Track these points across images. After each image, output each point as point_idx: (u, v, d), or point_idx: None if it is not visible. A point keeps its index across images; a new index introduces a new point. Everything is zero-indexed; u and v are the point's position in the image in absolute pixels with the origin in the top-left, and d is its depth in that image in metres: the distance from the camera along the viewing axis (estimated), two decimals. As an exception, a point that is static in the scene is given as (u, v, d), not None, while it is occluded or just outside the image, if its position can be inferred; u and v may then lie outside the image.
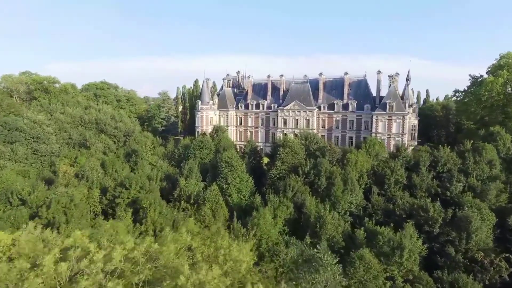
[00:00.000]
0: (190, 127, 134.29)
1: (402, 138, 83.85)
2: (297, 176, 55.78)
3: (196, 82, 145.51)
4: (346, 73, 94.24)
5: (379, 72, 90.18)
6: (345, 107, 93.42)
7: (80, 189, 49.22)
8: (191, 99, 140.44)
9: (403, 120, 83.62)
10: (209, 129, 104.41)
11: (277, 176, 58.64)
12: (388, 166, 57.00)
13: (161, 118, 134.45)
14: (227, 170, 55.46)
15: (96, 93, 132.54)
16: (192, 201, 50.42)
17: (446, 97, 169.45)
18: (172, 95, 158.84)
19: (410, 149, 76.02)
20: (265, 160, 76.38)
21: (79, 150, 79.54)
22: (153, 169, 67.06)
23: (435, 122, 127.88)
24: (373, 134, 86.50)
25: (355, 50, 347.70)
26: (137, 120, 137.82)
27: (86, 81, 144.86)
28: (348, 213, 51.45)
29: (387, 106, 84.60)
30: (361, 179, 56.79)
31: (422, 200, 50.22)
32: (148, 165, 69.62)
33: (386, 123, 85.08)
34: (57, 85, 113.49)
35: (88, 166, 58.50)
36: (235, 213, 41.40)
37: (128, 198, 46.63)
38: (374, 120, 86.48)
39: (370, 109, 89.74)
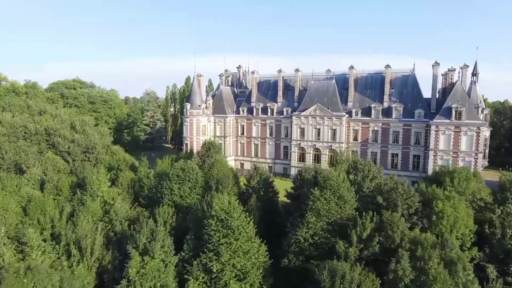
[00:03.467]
0: (181, 135, 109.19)
1: (475, 159, 58.38)
2: (348, 248, 30.41)
3: (188, 79, 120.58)
4: (387, 66, 68.75)
5: (436, 64, 64.67)
6: (387, 112, 68.02)
7: None
8: (183, 100, 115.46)
9: (478, 133, 58.10)
10: (200, 140, 79.00)
11: (310, 241, 33.23)
12: (510, 225, 31.60)
13: (145, 124, 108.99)
14: (220, 236, 30.12)
15: (64, 94, 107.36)
16: (148, 313, 25.09)
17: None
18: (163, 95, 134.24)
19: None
20: (280, 190, 50.89)
21: (7, 178, 54.26)
22: (102, 219, 41.97)
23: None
24: (431, 152, 61.07)
25: (355, 50, 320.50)
26: (113, 127, 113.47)
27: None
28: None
29: (453, 112, 59.13)
30: (463, 247, 31.62)
31: None
32: (98, 208, 44.48)
33: (452, 136, 59.57)
34: (5, 83, 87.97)
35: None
36: None
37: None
38: (432, 132, 60.97)
39: (424, 116, 64.31)
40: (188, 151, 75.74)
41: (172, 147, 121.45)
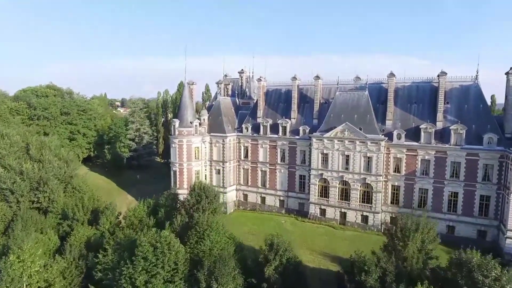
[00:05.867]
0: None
1: None
2: None
3: (180, 85, 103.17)
4: (442, 73, 51.06)
5: (513, 71, 47.02)
6: (441, 136, 50.51)
7: None
8: (175, 108, 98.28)
9: None
10: (192, 167, 61.65)
11: None
12: None
13: (129, 139, 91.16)
14: None
15: (31, 103, 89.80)
16: None
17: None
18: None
19: None
20: (297, 237, 33.56)
21: None
22: None
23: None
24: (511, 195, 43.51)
25: (354, 50, 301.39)
26: (94, 141, 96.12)
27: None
28: None
29: (548, 141, 41.61)
30: None
31: None
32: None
33: (546, 175, 42.04)
34: None
35: None
36: None
37: None
38: (514, 168, 43.44)
39: (497, 143, 46.77)
40: (177, 185, 58.50)
41: (163, 161, 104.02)
